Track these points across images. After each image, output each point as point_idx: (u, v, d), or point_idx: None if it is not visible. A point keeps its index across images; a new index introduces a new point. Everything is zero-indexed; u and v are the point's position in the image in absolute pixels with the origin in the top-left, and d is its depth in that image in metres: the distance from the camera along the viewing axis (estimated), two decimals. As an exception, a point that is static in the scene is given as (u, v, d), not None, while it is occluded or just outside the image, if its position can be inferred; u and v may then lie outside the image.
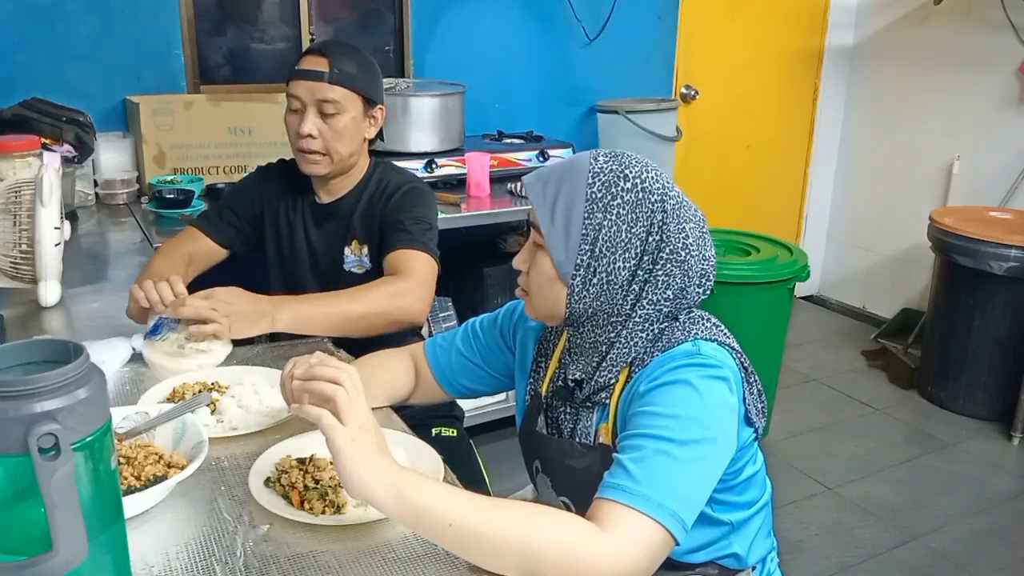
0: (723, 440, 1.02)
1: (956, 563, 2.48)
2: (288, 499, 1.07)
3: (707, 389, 1.01)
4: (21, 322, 1.66)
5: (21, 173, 1.78)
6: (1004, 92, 3.71)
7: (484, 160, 2.87)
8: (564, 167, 1.10)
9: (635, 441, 0.99)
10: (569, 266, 1.06)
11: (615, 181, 1.06)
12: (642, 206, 1.06)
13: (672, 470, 0.96)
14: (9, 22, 2.60)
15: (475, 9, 3.35)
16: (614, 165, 1.07)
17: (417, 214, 1.73)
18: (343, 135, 1.71)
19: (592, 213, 1.05)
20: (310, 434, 1.19)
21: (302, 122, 1.69)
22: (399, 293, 1.58)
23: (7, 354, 0.77)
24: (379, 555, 0.97)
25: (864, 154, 4.36)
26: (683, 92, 3.95)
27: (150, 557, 0.95)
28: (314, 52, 1.71)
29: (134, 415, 1.18)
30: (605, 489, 0.97)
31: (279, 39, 3.19)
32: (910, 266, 4.12)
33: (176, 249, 1.79)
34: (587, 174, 1.07)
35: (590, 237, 1.05)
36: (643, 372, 1.08)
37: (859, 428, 3.30)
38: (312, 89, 1.68)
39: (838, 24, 4.26)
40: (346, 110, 1.70)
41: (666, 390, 1.02)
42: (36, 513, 0.70)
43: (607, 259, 1.06)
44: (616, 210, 1.05)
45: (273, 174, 1.89)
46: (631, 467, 0.96)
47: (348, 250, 1.81)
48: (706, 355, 1.05)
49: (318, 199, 1.84)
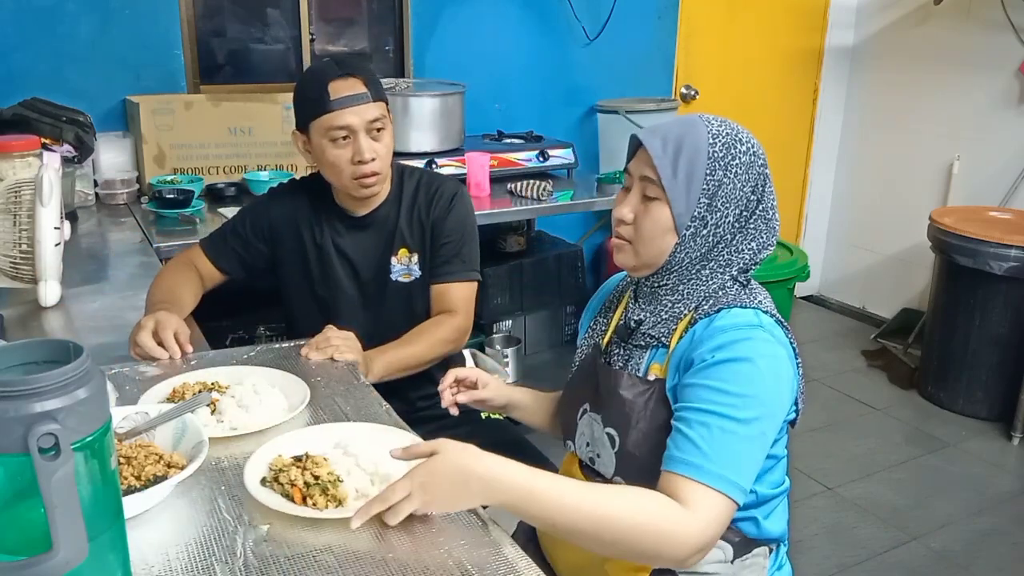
0: (779, 413, 1.13)
1: (956, 563, 2.48)
2: (288, 497, 1.07)
3: (767, 365, 1.10)
4: (21, 322, 1.67)
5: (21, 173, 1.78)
6: (1004, 92, 3.71)
7: (484, 160, 2.87)
8: (680, 127, 1.18)
9: (702, 417, 1.08)
10: (686, 218, 1.15)
11: (732, 144, 1.16)
12: (753, 167, 1.17)
13: (737, 447, 1.07)
14: (9, 22, 2.60)
15: (475, 9, 3.35)
16: (728, 129, 1.17)
17: (468, 230, 1.80)
18: (390, 147, 1.70)
19: (714, 171, 1.14)
20: (298, 432, 1.23)
21: (360, 150, 1.63)
22: (455, 332, 1.75)
23: (7, 354, 0.77)
24: (379, 555, 0.97)
25: (864, 154, 4.36)
26: (683, 92, 3.95)
27: (150, 557, 0.95)
28: (342, 76, 1.63)
29: (134, 415, 1.18)
30: (678, 464, 1.07)
31: (279, 39, 3.19)
32: (910, 266, 4.12)
33: (188, 267, 1.79)
34: (707, 134, 1.15)
35: (710, 192, 1.15)
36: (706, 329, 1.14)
37: (859, 428, 3.30)
38: (360, 113, 1.62)
39: (838, 24, 4.26)
40: (388, 123, 1.68)
41: (730, 367, 1.09)
42: (36, 513, 0.70)
43: (720, 213, 1.15)
44: (735, 169, 1.15)
45: (287, 194, 1.84)
46: (701, 444, 1.06)
47: (395, 259, 1.79)
48: (767, 328, 1.13)
49: (350, 212, 1.79)
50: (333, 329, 1.56)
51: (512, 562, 0.97)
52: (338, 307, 1.81)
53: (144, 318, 1.52)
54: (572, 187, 3.10)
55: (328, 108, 1.62)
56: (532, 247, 3.32)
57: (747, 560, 1.22)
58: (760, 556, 1.24)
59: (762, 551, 1.24)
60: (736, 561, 1.21)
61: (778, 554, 1.29)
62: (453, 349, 1.78)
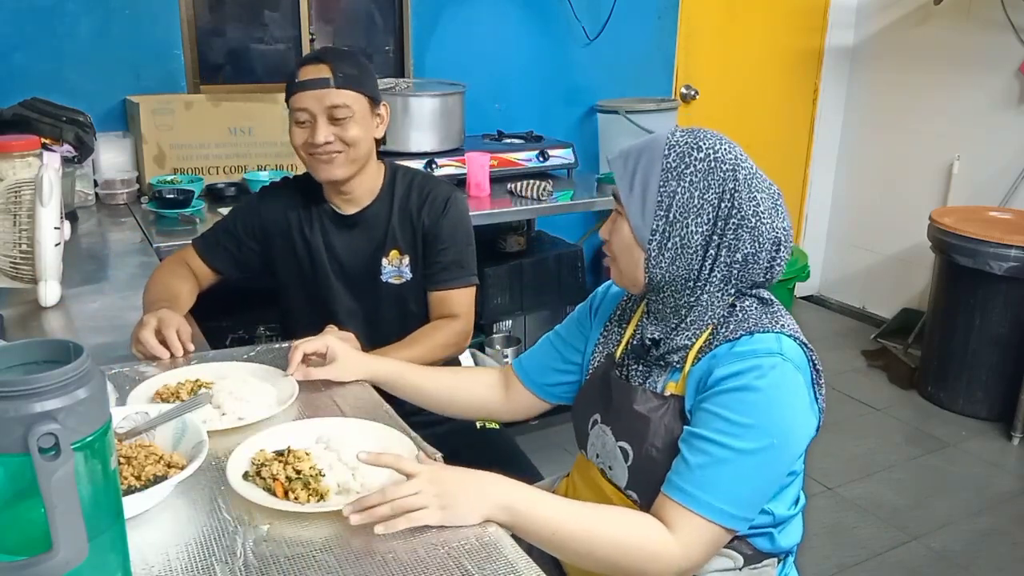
0: (792, 442, 1.11)
1: (956, 563, 2.48)
2: (270, 491, 1.07)
3: (777, 396, 1.08)
4: (21, 322, 1.67)
5: (21, 173, 1.78)
6: (1004, 92, 3.71)
7: (484, 160, 2.87)
8: (644, 141, 1.18)
9: (703, 444, 1.08)
10: (646, 231, 1.14)
11: (689, 152, 1.13)
12: (714, 174, 1.12)
13: (734, 477, 1.07)
14: (9, 22, 2.60)
15: (475, 9, 3.35)
16: (689, 138, 1.15)
17: (463, 235, 1.80)
18: (357, 135, 1.69)
19: (667, 181, 1.13)
20: (281, 427, 1.23)
21: (315, 132, 1.65)
22: (457, 336, 1.76)
23: (7, 354, 0.77)
24: (379, 555, 0.97)
25: (864, 154, 4.36)
26: (683, 92, 3.95)
27: (150, 557, 0.95)
28: (312, 61, 1.67)
29: (134, 415, 1.17)
30: (673, 489, 1.09)
31: (279, 39, 3.19)
32: (910, 266, 4.12)
33: (182, 266, 1.80)
34: (664, 146, 1.14)
35: (665, 204, 1.13)
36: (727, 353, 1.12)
37: (859, 428, 3.30)
38: (319, 98, 1.64)
39: (838, 24, 4.26)
40: (356, 113, 1.68)
41: (738, 396, 1.08)
42: (36, 513, 0.70)
43: (680, 224, 1.13)
44: (689, 178, 1.12)
45: (278, 193, 1.84)
46: (696, 469, 1.07)
47: (386, 260, 1.79)
48: (787, 355, 1.11)
49: (339, 210, 1.79)
50: (334, 329, 1.56)
51: (512, 562, 0.97)
52: (332, 307, 1.81)
53: (146, 315, 1.52)
54: (572, 187, 3.10)
55: (292, 90, 1.68)
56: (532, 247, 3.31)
57: (756, 569, 1.22)
58: (769, 566, 1.24)
59: (771, 561, 1.24)
60: (745, 568, 1.21)
61: (786, 564, 1.29)
62: (455, 353, 1.78)
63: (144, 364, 1.46)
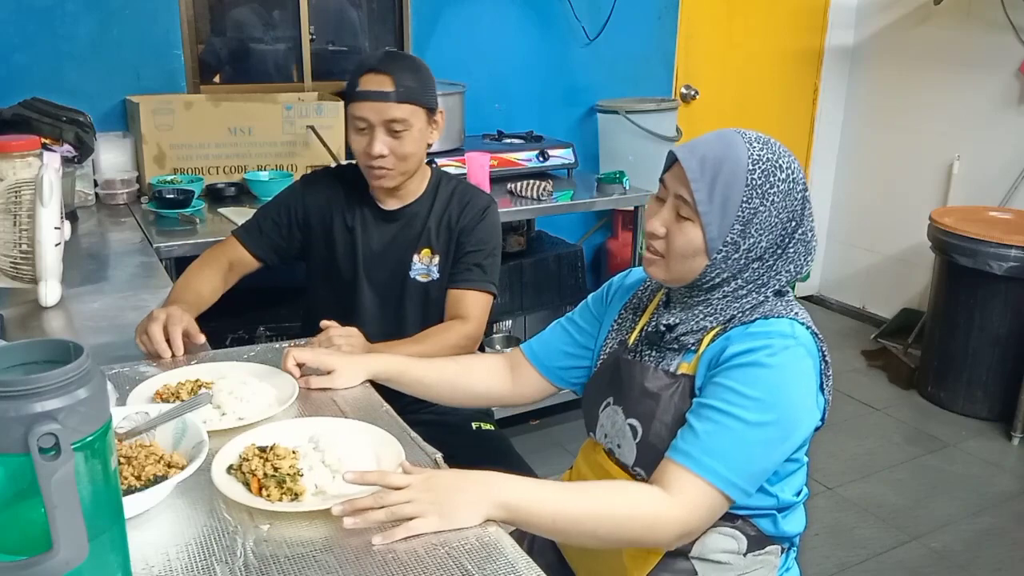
0: (798, 425, 1.13)
1: (956, 563, 2.49)
2: (248, 486, 1.08)
3: (788, 376, 1.11)
4: (21, 322, 1.66)
5: (21, 173, 1.78)
6: (1004, 92, 3.71)
7: (484, 160, 2.87)
8: (720, 147, 1.15)
9: (711, 413, 1.10)
10: (719, 242, 1.14)
11: (772, 171, 1.14)
12: (792, 196, 1.15)
13: (738, 445, 1.08)
14: (9, 22, 2.60)
15: (475, 9, 3.35)
16: (769, 153, 1.15)
17: (493, 244, 1.82)
18: (412, 150, 1.71)
19: (751, 199, 1.13)
20: (275, 424, 1.23)
21: (371, 143, 1.68)
22: (465, 339, 1.75)
23: (7, 354, 0.77)
24: (379, 555, 0.97)
25: (864, 154, 4.36)
26: (683, 92, 3.95)
27: (150, 557, 0.95)
28: (375, 70, 1.67)
29: (134, 415, 1.17)
30: (677, 453, 1.10)
31: (279, 39, 3.19)
32: (910, 266, 4.12)
33: (217, 260, 1.82)
34: (747, 159, 1.14)
35: (744, 218, 1.13)
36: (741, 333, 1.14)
37: (859, 428, 3.31)
38: (379, 110, 1.67)
39: (838, 24, 4.26)
40: (413, 126, 1.69)
41: (750, 371, 1.10)
42: (36, 513, 0.70)
43: (753, 239, 1.15)
44: (772, 198, 1.14)
45: (321, 182, 1.87)
46: (702, 435, 1.09)
47: (417, 257, 1.82)
48: (800, 339, 1.13)
49: (382, 204, 1.83)
50: (336, 327, 1.57)
51: (512, 562, 0.97)
52: (357, 299, 1.83)
53: (157, 309, 1.53)
54: (572, 187, 3.10)
55: (354, 97, 1.70)
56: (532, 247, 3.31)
57: (759, 556, 1.23)
58: (772, 555, 1.24)
59: (775, 549, 1.25)
60: (749, 555, 1.22)
61: (788, 556, 1.29)
62: (462, 351, 1.77)
63: (144, 364, 1.46)
